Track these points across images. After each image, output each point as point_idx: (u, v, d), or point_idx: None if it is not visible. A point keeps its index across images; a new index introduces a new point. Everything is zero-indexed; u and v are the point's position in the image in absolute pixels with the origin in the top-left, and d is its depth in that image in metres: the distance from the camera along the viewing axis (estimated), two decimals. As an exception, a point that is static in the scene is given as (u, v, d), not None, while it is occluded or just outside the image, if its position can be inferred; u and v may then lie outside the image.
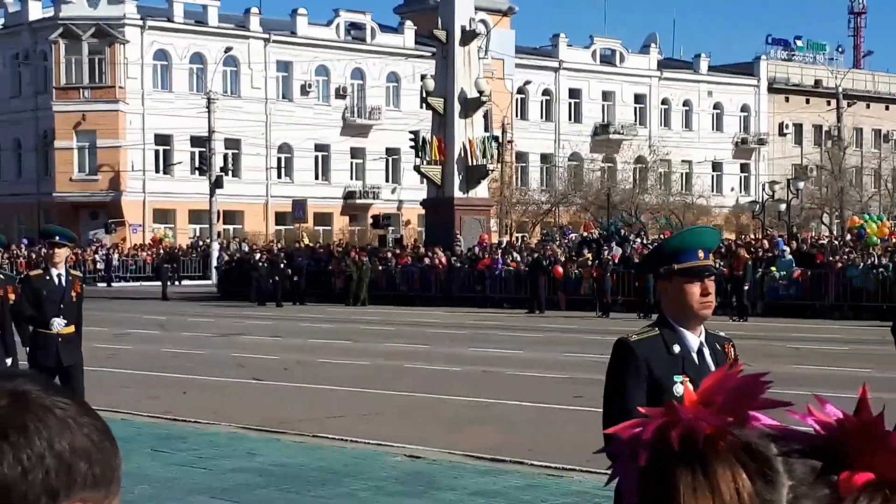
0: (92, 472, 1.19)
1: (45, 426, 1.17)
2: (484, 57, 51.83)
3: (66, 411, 1.18)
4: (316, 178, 59.61)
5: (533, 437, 11.90)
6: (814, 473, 1.04)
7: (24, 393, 1.18)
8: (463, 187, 41.50)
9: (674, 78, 69.40)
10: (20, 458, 1.15)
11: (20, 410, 1.17)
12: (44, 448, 1.16)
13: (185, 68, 56.48)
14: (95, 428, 1.20)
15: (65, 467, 1.17)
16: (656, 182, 62.17)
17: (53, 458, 1.16)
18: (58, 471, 1.16)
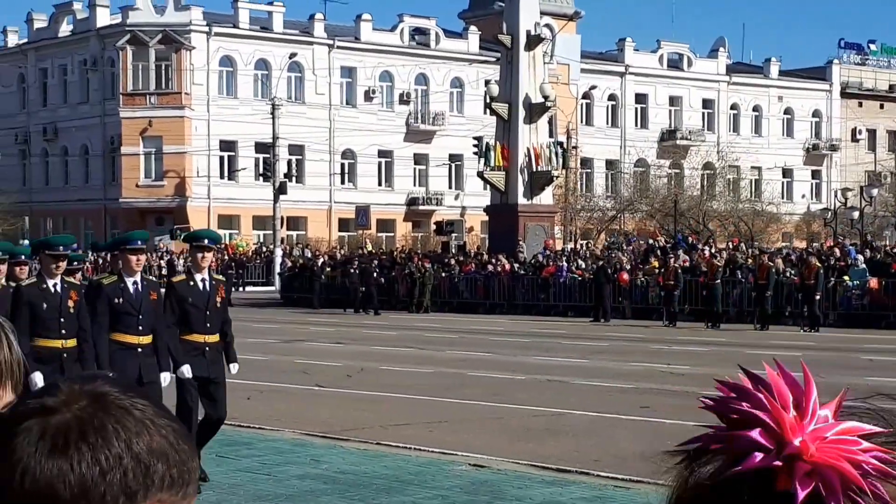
0: (169, 474, 1.21)
1: (124, 427, 1.19)
2: (549, 62, 51.41)
3: (144, 412, 1.21)
4: (379, 185, 59.56)
5: (599, 447, 11.61)
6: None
7: (104, 394, 1.22)
8: (527, 194, 41.15)
9: (743, 83, 68.50)
10: (99, 458, 1.18)
11: (99, 411, 1.20)
12: (122, 449, 1.18)
13: (250, 74, 56.72)
14: (172, 430, 1.23)
15: (142, 468, 1.19)
16: (724, 189, 61.26)
17: (132, 459, 1.19)
18: (136, 471, 1.19)
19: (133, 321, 9.44)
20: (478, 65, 60.05)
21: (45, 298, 9.44)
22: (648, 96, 66.20)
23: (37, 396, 1.22)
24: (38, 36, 59.52)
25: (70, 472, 1.16)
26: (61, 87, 58.65)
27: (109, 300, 9.45)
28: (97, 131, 56.55)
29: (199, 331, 9.77)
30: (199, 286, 9.73)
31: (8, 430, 1.20)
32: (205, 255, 9.84)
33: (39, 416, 1.19)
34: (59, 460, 1.17)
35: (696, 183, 60.47)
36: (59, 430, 1.18)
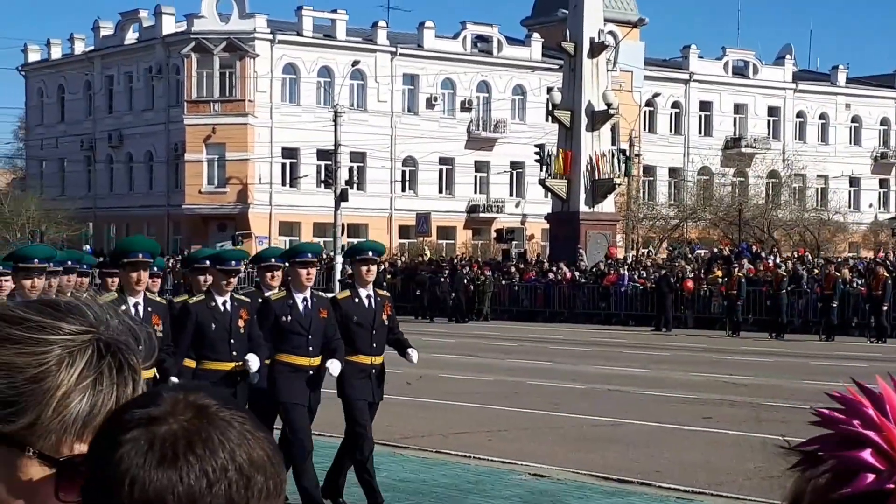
0: (266, 486, 1.23)
1: (228, 438, 1.21)
2: (612, 69, 51.11)
3: (243, 425, 1.23)
4: (440, 192, 59.49)
5: (660, 458, 11.41)
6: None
7: (206, 406, 1.24)
8: (588, 202, 40.89)
9: (810, 90, 67.57)
10: (206, 469, 1.19)
11: (204, 423, 1.22)
12: (227, 460, 1.20)
13: (313, 82, 56.95)
14: (269, 441, 1.25)
15: (244, 480, 1.21)
16: (790, 197, 60.42)
17: (235, 471, 1.20)
18: (238, 483, 1.20)
19: (302, 341, 8.71)
20: (540, 72, 59.79)
21: (213, 318, 8.72)
22: (713, 104, 65.53)
23: (139, 406, 1.23)
24: (104, 43, 60.24)
25: (178, 483, 1.18)
26: (127, 94, 59.29)
27: (277, 318, 8.70)
28: (161, 138, 57.08)
29: (364, 351, 8.97)
30: (365, 303, 8.91)
31: (113, 440, 1.21)
32: (369, 268, 9.15)
33: (145, 426, 1.20)
34: (169, 471, 1.18)
35: (760, 191, 59.70)
36: (166, 441, 1.19)
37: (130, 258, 7.87)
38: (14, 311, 1.40)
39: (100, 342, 1.41)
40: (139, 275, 7.90)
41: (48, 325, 1.39)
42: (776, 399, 16.05)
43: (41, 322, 1.39)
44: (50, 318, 1.40)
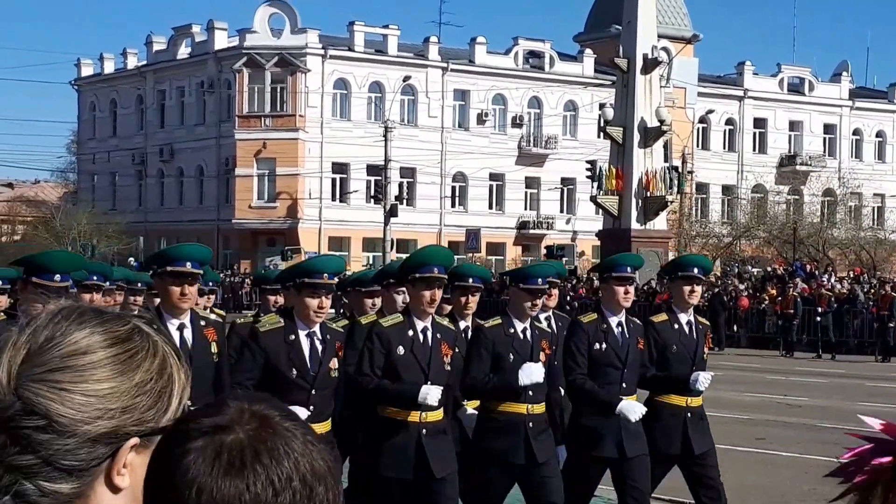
0: (327, 497, 1.26)
1: (292, 449, 1.24)
2: (665, 85, 50.58)
3: (305, 435, 1.27)
4: (490, 208, 59.23)
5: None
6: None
7: (270, 416, 1.26)
8: (640, 219, 40.40)
9: (867, 108, 66.61)
10: (272, 479, 1.22)
11: (270, 433, 1.24)
12: (291, 470, 1.23)
13: (364, 97, 56.93)
14: (329, 453, 1.29)
15: (308, 490, 1.24)
16: (846, 216, 59.47)
17: (299, 481, 1.23)
18: (302, 493, 1.23)
19: None
20: (592, 88, 59.40)
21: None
22: (767, 121, 64.76)
23: (205, 415, 1.26)
24: (156, 58, 60.65)
25: (245, 491, 1.19)
26: (178, 108, 59.62)
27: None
28: (212, 153, 57.29)
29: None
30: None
31: (180, 448, 1.22)
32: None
33: (212, 435, 1.22)
34: (236, 480, 1.19)
35: (815, 210, 58.80)
36: (233, 450, 1.21)
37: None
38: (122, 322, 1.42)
39: None
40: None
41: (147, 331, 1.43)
42: (830, 420, 15.60)
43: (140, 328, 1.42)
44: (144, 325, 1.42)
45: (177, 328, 6.19)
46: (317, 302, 6.48)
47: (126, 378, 1.37)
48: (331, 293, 6.63)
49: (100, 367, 1.37)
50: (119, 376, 1.37)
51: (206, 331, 6.42)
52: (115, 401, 1.36)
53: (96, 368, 1.37)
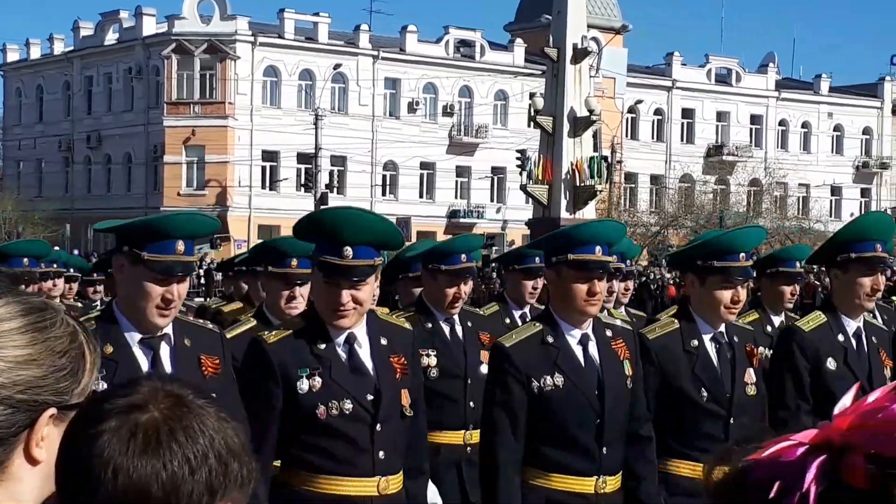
0: (241, 473, 1.27)
1: (207, 427, 1.25)
2: (595, 75, 50.98)
3: (219, 413, 1.27)
4: (420, 197, 59.30)
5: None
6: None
7: (183, 395, 1.27)
8: (570, 208, 40.64)
9: (792, 98, 67.58)
10: (188, 456, 1.22)
11: (184, 411, 1.25)
12: (207, 447, 1.24)
13: (294, 85, 56.64)
14: (242, 430, 1.28)
15: (223, 466, 1.25)
16: (771, 206, 60.41)
17: (215, 458, 1.24)
18: (217, 470, 1.24)
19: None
20: (522, 77, 59.62)
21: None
22: (695, 111, 65.48)
23: (118, 395, 1.25)
24: (84, 44, 59.77)
25: (162, 470, 1.20)
26: (106, 94, 58.86)
27: None
28: (140, 139, 56.67)
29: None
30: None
31: (92, 428, 1.22)
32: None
33: (126, 415, 1.22)
34: (152, 459, 1.20)
35: (742, 199, 59.65)
36: (149, 429, 1.21)
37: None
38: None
39: None
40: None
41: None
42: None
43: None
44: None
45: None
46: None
47: (43, 347, 1.39)
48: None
49: (17, 333, 1.39)
50: (36, 344, 1.39)
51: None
52: (33, 367, 1.38)
53: (14, 335, 1.39)
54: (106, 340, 3.65)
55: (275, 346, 4.06)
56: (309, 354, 4.05)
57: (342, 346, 4.10)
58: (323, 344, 4.07)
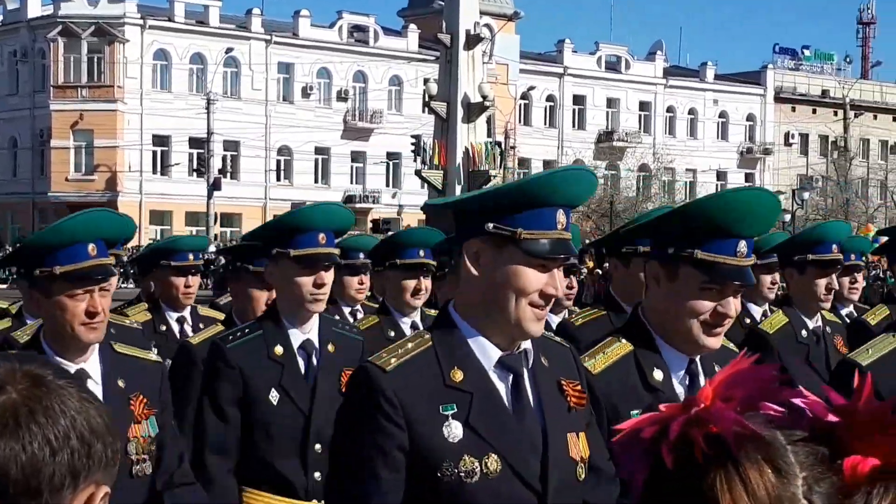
0: (105, 454, 1.22)
1: (68, 407, 1.20)
2: (488, 62, 51.30)
3: (80, 393, 1.22)
4: (315, 182, 59.13)
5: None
6: (821, 461, 1.09)
7: (43, 375, 1.22)
8: (465, 192, 40.97)
9: (679, 86, 68.95)
10: (49, 438, 1.18)
11: (43, 391, 1.19)
12: (68, 428, 1.19)
13: (185, 69, 55.98)
14: (105, 411, 1.24)
15: (86, 448, 1.20)
16: (660, 190, 61.69)
17: (77, 439, 1.19)
18: (80, 451, 1.19)
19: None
20: (416, 63, 59.78)
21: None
22: (586, 98, 66.40)
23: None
24: (-34, 26, 58.22)
25: (21, 452, 1.15)
26: (-10, 77, 57.46)
27: None
28: (26, 124, 55.44)
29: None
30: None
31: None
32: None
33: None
34: (11, 441, 1.15)
35: (631, 184, 60.76)
36: (7, 411, 1.16)
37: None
38: None
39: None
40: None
41: None
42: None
43: None
44: None
45: None
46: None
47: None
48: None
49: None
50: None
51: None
52: None
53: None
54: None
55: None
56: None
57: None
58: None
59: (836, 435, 1.09)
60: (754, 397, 1.10)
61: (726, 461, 1.07)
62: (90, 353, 3.50)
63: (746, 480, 1.06)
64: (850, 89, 67.02)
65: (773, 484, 1.07)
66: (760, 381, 1.10)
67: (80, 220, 3.66)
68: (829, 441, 1.09)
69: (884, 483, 1.06)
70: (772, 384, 1.10)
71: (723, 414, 1.08)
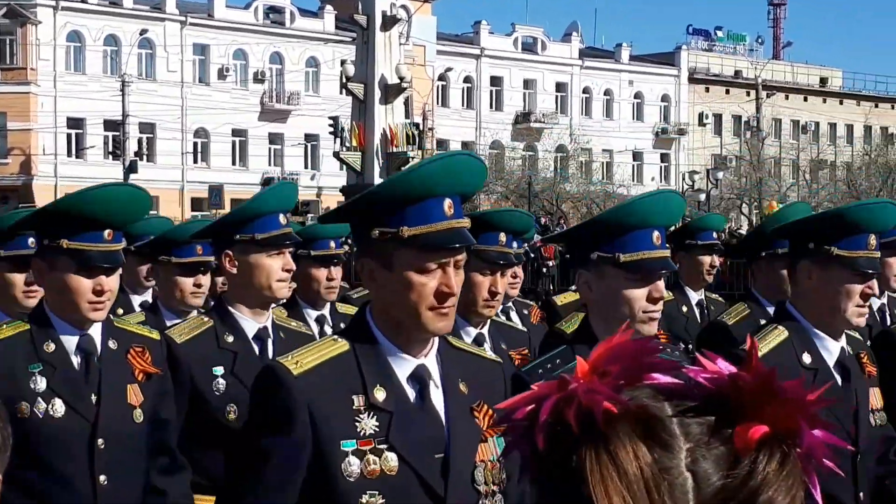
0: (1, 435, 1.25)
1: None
2: (405, 43, 51.38)
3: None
4: (233, 164, 58.78)
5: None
6: (709, 431, 1.07)
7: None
8: (383, 174, 41.09)
9: (595, 67, 69.54)
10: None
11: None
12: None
13: (99, 50, 55.30)
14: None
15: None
16: (577, 171, 62.27)
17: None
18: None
19: None
20: (333, 44, 59.66)
21: None
22: (503, 79, 66.70)
23: None
24: None
25: None
26: None
27: None
28: (-64, 107, 54.39)
29: None
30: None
31: None
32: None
33: None
34: None
35: (549, 165, 61.23)
36: None
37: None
38: None
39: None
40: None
41: None
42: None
43: None
44: None
45: None
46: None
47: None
48: None
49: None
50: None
51: None
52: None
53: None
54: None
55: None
56: None
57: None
58: None
59: (727, 403, 1.08)
60: (634, 370, 1.09)
61: (597, 439, 1.06)
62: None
63: (616, 458, 1.05)
64: (762, 70, 68.13)
65: (647, 460, 1.05)
66: (640, 353, 1.10)
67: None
68: (720, 409, 1.08)
69: (769, 448, 1.06)
70: (653, 356, 1.10)
71: (593, 389, 1.07)
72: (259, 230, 4.01)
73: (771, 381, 1.07)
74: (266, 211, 4.07)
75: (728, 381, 1.08)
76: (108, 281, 3.46)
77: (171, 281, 5.25)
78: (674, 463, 1.06)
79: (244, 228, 4.04)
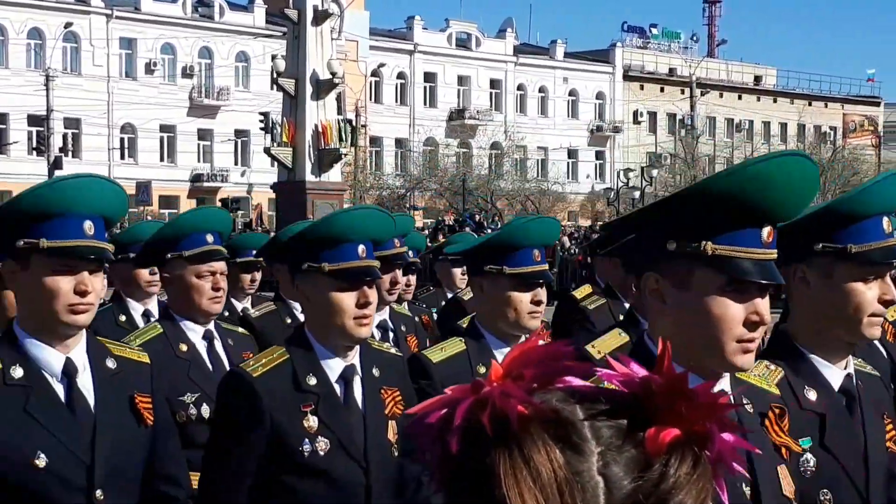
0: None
1: None
2: (337, 38, 50.73)
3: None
4: (161, 160, 57.84)
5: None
6: (621, 434, 1.07)
7: None
8: (315, 171, 40.50)
9: (529, 63, 69.31)
10: None
11: None
12: None
13: (23, 44, 54.15)
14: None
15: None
16: (512, 168, 62.05)
17: None
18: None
19: None
20: (264, 39, 58.83)
21: None
22: (437, 75, 66.26)
23: None
24: None
25: None
26: None
27: None
28: None
29: None
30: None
31: None
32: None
33: None
34: None
35: (483, 162, 60.97)
36: None
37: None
38: None
39: None
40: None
41: None
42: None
43: None
44: None
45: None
46: None
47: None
48: None
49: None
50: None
51: None
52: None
53: None
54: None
55: None
56: None
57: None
58: None
59: (639, 406, 1.06)
60: (548, 374, 1.07)
61: (510, 442, 1.04)
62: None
63: (529, 461, 1.03)
64: (696, 68, 68.36)
65: (560, 463, 1.03)
66: (553, 357, 1.07)
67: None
68: (632, 412, 1.07)
69: (680, 451, 1.04)
70: (566, 359, 1.07)
71: (507, 392, 1.04)
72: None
73: (682, 384, 1.07)
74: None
75: (640, 384, 1.09)
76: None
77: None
78: (585, 467, 1.06)
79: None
